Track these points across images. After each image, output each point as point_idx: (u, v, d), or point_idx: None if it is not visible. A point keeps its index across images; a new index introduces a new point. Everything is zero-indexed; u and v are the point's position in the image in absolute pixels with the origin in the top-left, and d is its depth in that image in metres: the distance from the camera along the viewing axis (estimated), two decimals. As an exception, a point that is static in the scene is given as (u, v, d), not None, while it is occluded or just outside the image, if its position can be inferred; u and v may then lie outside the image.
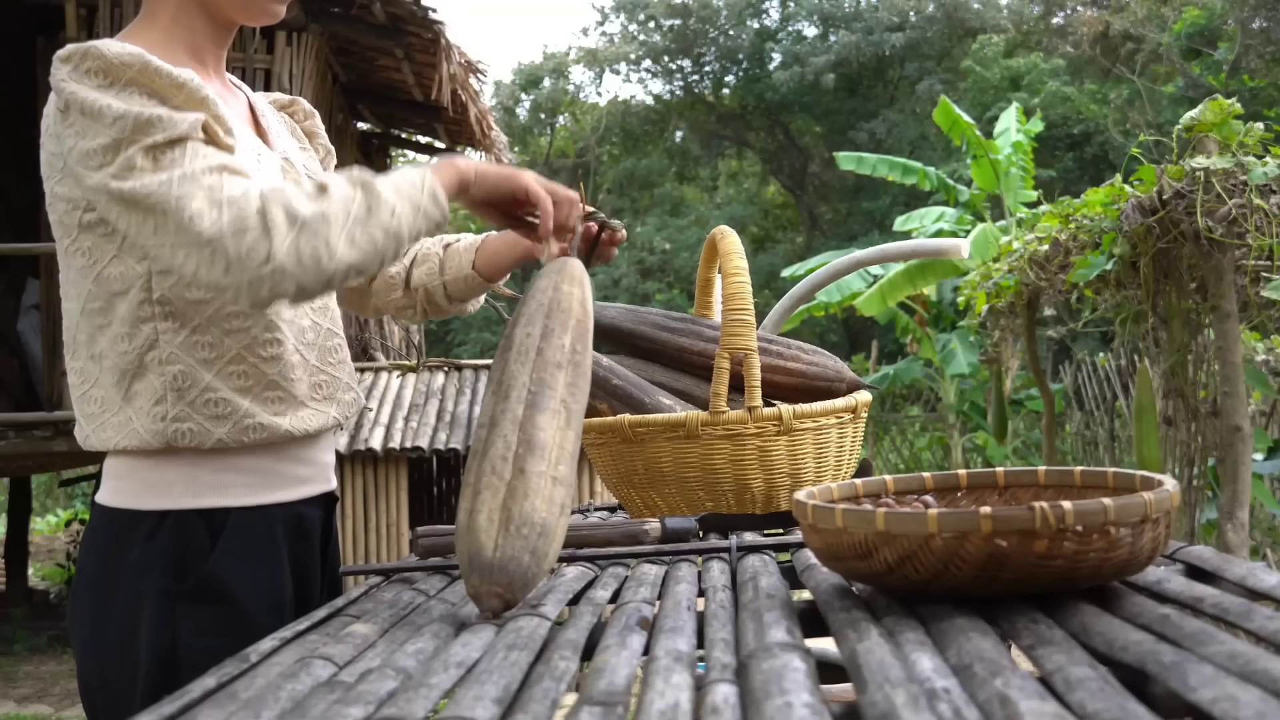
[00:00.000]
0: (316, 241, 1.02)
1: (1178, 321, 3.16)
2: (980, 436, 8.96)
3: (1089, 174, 15.28)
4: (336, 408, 1.28)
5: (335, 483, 1.35)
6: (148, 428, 1.15)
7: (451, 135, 7.38)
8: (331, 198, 1.04)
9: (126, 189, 1.03)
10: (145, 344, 1.15)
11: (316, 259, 1.02)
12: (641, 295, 18.19)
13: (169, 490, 1.17)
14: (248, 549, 1.18)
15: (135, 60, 1.08)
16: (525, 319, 1.01)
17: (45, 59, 5.46)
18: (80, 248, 1.15)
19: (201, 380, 1.16)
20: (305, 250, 1.01)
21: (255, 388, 1.19)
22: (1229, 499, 2.94)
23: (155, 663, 1.13)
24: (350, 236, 1.03)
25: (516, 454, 0.90)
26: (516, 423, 0.93)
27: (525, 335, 0.99)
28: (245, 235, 1.00)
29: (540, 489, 0.89)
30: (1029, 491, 0.97)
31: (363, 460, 5.13)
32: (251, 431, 1.18)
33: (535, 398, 0.95)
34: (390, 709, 0.58)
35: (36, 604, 7.03)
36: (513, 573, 0.85)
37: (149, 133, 1.04)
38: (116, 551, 1.17)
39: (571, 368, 0.99)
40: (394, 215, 1.06)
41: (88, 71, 1.08)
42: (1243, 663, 0.54)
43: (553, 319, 1.01)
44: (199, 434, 1.16)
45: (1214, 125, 2.87)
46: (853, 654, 0.64)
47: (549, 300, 1.03)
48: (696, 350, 1.45)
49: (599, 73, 23.21)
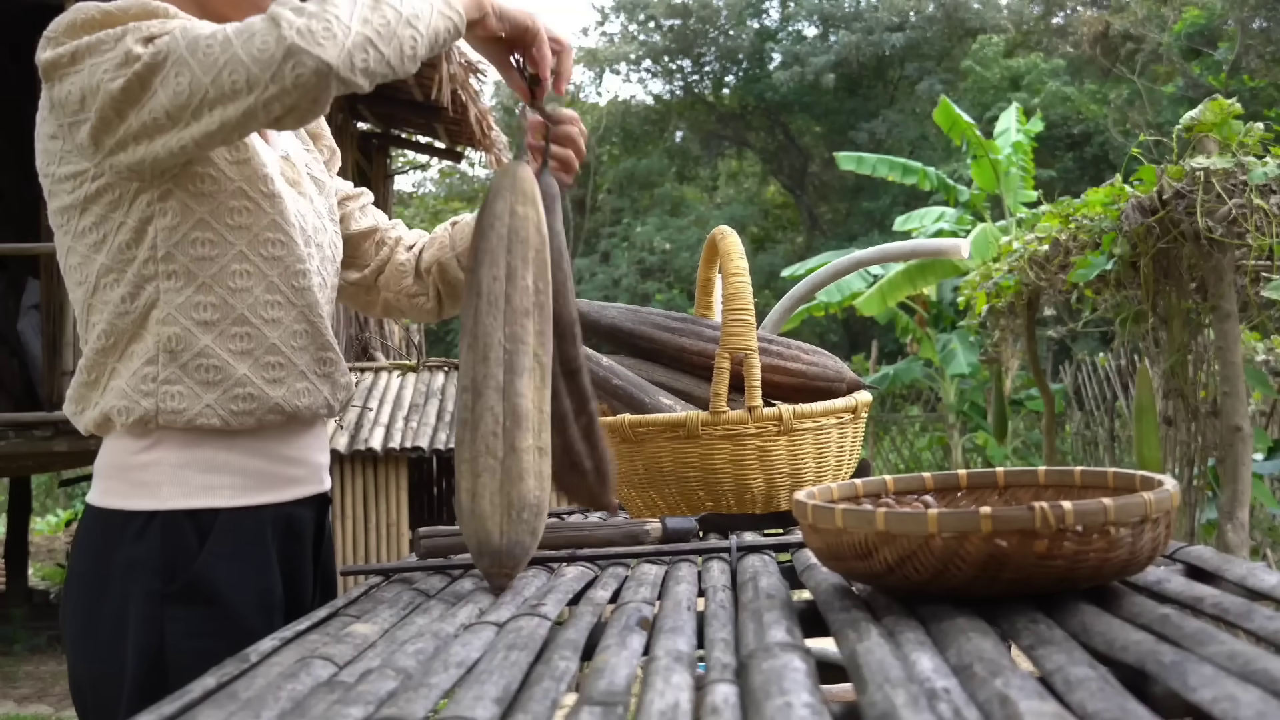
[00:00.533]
0: (326, 17, 1.01)
1: (1178, 321, 3.16)
2: (980, 436, 8.96)
3: (1089, 174, 15.28)
4: (330, 388, 1.26)
5: (329, 483, 1.33)
6: (136, 388, 1.14)
7: (451, 135, 7.38)
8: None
9: (130, 72, 1.03)
10: (147, 303, 1.14)
11: (330, 32, 1.01)
12: (641, 295, 18.19)
13: (157, 490, 1.16)
14: (236, 550, 1.17)
15: (94, 9, 1.09)
16: (489, 258, 1.04)
17: (45, 59, 5.45)
18: (88, 224, 1.15)
19: (197, 344, 1.14)
20: (317, 27, 1.01)
21: (256, 350, 1.17)
22: (1229, 499, 2.94)
23: (143, 664, 1.12)
24: (363, 16, 1.03)
25: (505, 427, 0.98)
26: (499, 390, 0.99)
27: (492, 279, 1.02)
28: (254, 37, 1.01)
29: (530, 466, 0.98)
30: (1029, 491, 0.97)
31: (363, 460, 5.13)
32: (240, 401, 1.16)
33: (511, 357, 1.00)
34: (390, 709, 0.58)
35: (36, 604, 7.03)
36: (518, 555, 0.96)
37: (135, 33, 1.05)
38: (105, 552, 1.16)
39: (537, 311, 1.04)
40: (405, 1, 1.06)
41: (51, 39, 1.10)
42: (1243, 663, 0.54)
43: (514, 254, 1.04)
44: (187, 397, 1.14)
45: (1214, 125, 2.87)
46: (853, 654, 0.64)
47: (507, 230, 1.05)
48: (696, 350, 1.45)
49: (599, 73, 23.22)
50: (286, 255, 1.20)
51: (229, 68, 1.01)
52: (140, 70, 1.03)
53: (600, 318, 1.49)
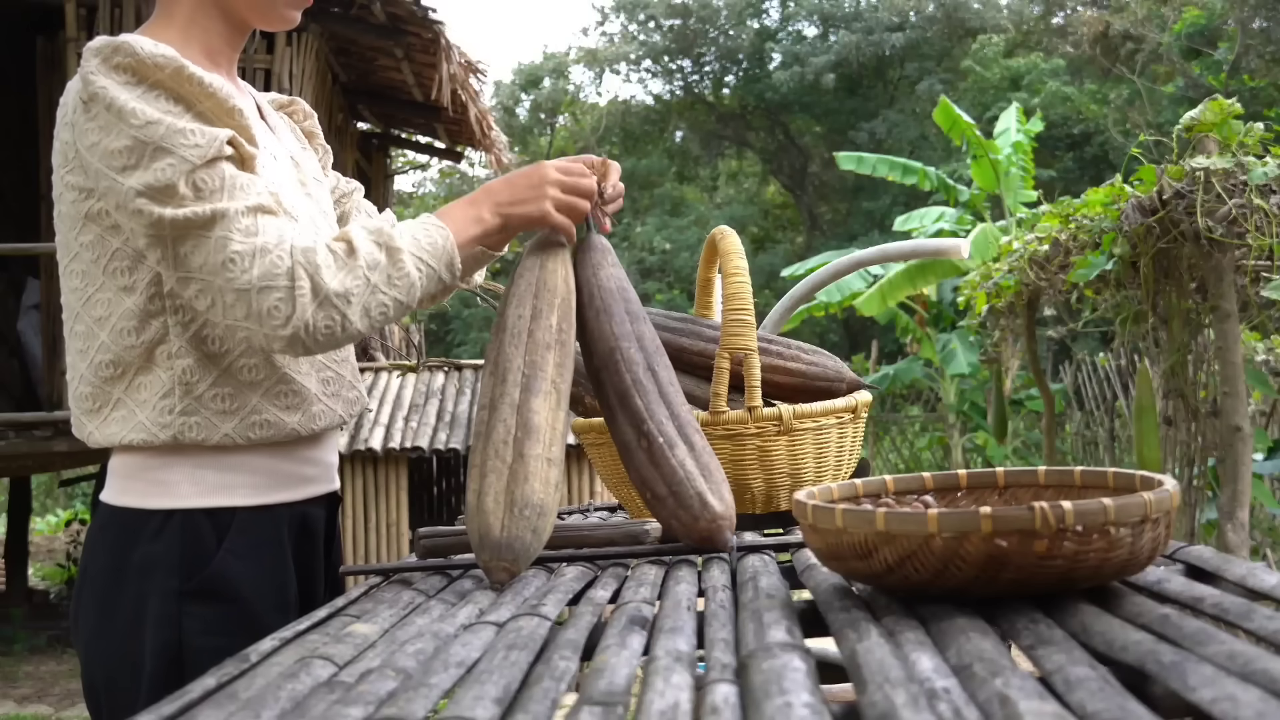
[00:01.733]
0: (334, 316, 1.06)
1: (1178, 321, 3.16)
2: (980, 436, 8.96)
3: (1089, 174, 15.28)
4: (342, 405, 1.29)
5: (338, 483, 1.36)
6: (155, 420, 1.15)
7: (451, 135, 7.38)
8: (357, 264, 1.08)
9: (169, 216, 1.05)
10: (154, 338, 1.15)
11: (331, 333, 1.07)
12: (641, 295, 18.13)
13: (175, 489, 1.17)
14: (253, 548, 1.18)
15: (168, 63, 1.08)
16: (516, 300, 1.12)
17: (45, 59, 5.45)
18: (86, 240, 1.15)
19: (210, 375, 1.16)
20: (322, 324, 1.06)
21: (266, 382, 1.19)
22: (1229, 499, 2.94)
23: (161, 662, 1.13)
24: (366, 309, 1.08)
25: (516, 437, 1.01)
26: (514, 406, 1.03)
27: (517, 317, 1.10)
28: (271, 294, 1.04)
29: (538, 472, 1.00)
30: (1029, 491, 0.97)
31: (363, 460, 5.13)
32: (258, 428, 1.18)
33: (529, 380, 1.05)
34: (390, 709, 0.58)
35: (36, 604, 7.04)
36: (518, 550, 0.98)
37: (176, 146, 1.05)
38: (122, 550, 1.17)
39: (559, 347, 1.09)
40: (411, 287, 1.11)
41: (117, 67, 1.08)
42: (1243, 663, 0.54)
43: (540, 299, 1.12)
44: (205, 428, 1.16)
45: (1214, 125, 2.87)
46: (853, 654, 0.64)
47: (536, 280, 1.13)
48: (696, 350, 1.45)
49: (599, 73, 23.21)
50: None
51: (236, 295, 1.05)
52: (168, 231, 1.06)
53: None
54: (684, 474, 1.07)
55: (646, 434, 1.10)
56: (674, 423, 1.11)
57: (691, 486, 1.07)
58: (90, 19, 5.11)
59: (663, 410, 1.12)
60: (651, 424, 1.10)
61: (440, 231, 1.14)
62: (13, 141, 6.02)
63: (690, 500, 1.06)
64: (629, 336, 1.16)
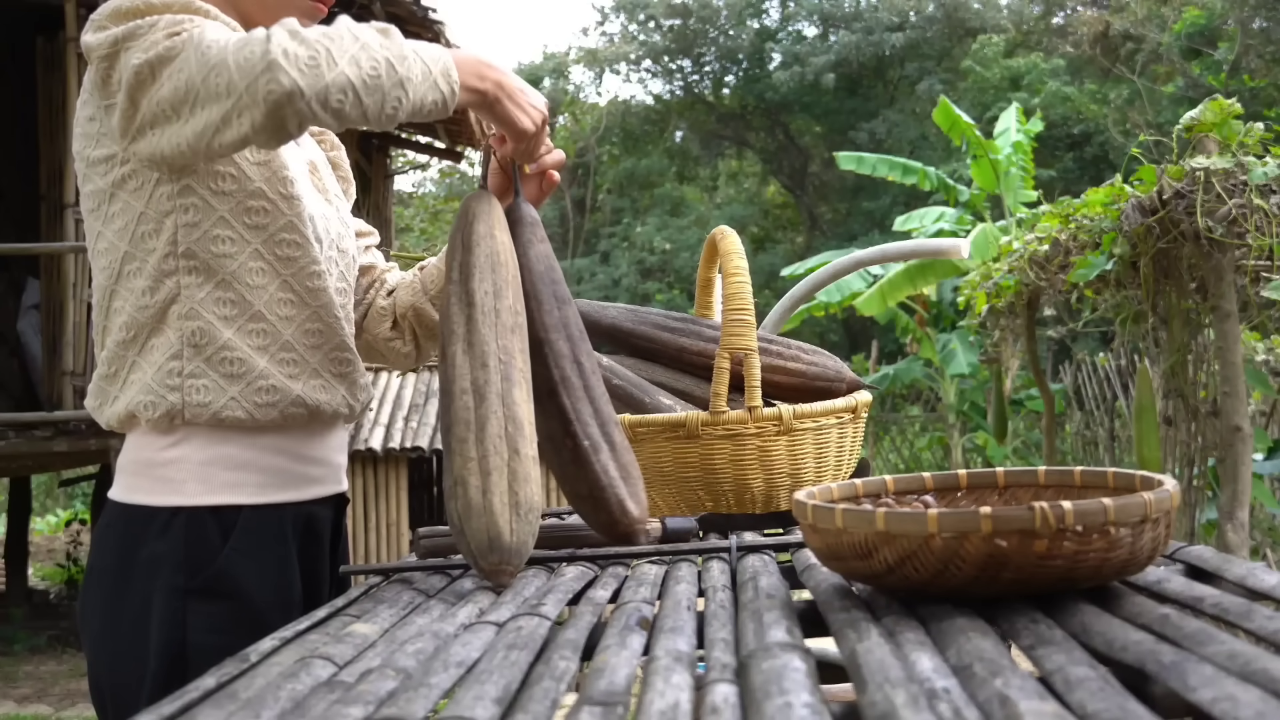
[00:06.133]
0: (317, 48, 1.01)
1: (1178, 321, 3.16)
2: (980, 436, 8.96)
3: (1089, 174, 15.28)
4: (348, 389, 1.28)
5: (346, 484, 1.36)
6: (161, 383, 1.16)
7: (451, 135, 7.38)
8: (341, 25, 1.05)
9: (145, 59, 1.05)
10: (167, 297, 1.16)
11: (315, 63, 1.00)
12: (641, 295, 18.18)
13: (182, 487, 1.17)
14: (258, 547, 1.19)
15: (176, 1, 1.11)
16: (478, 272, 1.07)
17: (45, 59, 5.45)
18: (114, 210, 1.17)
19: (220, 337, 1.17)
20: (304, 54, 1.00)
21: (271, 346, 1.20)
22: (1229, 499, 2.94)
23: (165, 660, 1.13)
24: (354, 57, 1.03)
25: (508, 432, 1.00)
26: (500, 397, 1.01)
27: (484, 294, 1.06)
28: (246, 47, 1.01)
29: (531, 473, 1.00)
30: (1029, 491, 0.97)
31: (363, 460, 5.13)
32: (263, 394, 1.18)
33: (506, 369, 1.03)
34: (390, 709, 0.58)
35: (36, 604, 7.04)
36: (523, 554, 0.99)
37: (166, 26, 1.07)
38: (129, 547, 1.17)
39: (519, 330, 1.07)
40: (404, 59, 1.05)
41: (95, 22, 1.12)
42: (1243, 663, 0.54)
43: (498, 274, 1.08)
44: (211, 390, 1.16)
45: (1214, 125, 2.87)
46: (853, 654, 0.64)
47: (490, 251, 1.09)
48: (696, 350, 1.45)
49: (599, 73, 23.21)
50: (301, 256, 1.22)
51: (217, 70, 1.02)
52: (153, 59, 1.05)
53: (600, 318, 1.49)
54: (606, 480, 1.11)
55: (572, 434, 1.11)
56: (597, 420, 1.13)
57: (613, 493, 1.11)
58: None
59: (588, 409, 1.12)
60: (577, 425, 1.11)
61: (440, 48, 1.12)
62: (13, 142, 6.02)
63: (611, 505, 1.11)
64: (558, 327, 1.15)
